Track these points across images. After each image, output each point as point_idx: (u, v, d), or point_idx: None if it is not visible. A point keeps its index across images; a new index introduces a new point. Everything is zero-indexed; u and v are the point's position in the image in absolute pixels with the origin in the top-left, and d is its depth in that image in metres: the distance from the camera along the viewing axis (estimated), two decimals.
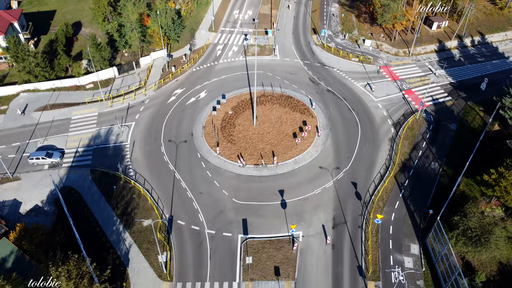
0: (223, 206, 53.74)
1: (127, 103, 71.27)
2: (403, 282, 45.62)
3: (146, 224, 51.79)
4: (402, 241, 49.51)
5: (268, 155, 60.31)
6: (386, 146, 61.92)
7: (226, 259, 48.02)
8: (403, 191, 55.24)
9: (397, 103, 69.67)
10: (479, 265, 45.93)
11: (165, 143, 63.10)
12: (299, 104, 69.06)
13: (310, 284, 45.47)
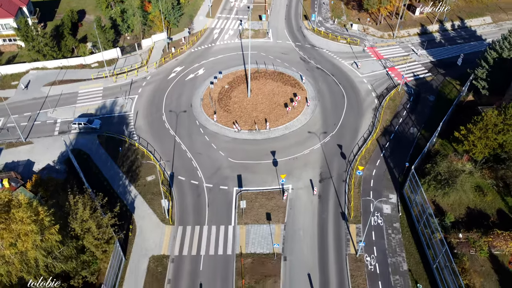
0: (220, 165, 58.90)
1: (130, 79, 76.51)
2: (381, 225, 50.86)
3: (150, 179, 56.88)
4: (381, 192, 54.79)
5: (261, 122, 65.61)
6: (370, 114, 67.39)
7: (223, 207, 53.13)
8: (384, 152, 60.64)
9: (381, 79, 75.26)
10: (448, 209, 51.29)
11: (166, 113, 68.28)
12: (290, 79, 74.54)
13: (298, 227, 50.61)
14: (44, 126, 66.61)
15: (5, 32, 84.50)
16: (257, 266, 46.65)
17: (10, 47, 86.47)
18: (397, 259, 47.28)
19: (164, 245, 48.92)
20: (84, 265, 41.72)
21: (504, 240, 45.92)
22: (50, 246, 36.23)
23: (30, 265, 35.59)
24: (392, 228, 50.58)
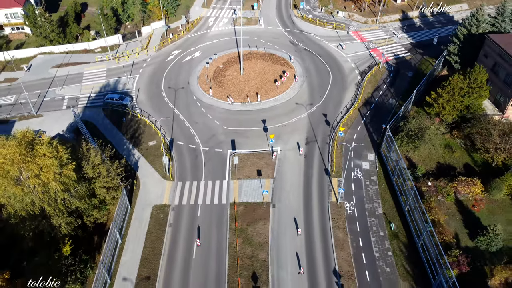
0: (215, 132, 64.66)
1: (132, 61, 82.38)
2: (360, 178, 56.66)
3: (151, 144, 62.58)
4: (361, 152, 60.63)
5: (253, 95, 71.50)
6: (353, 88, 73.41)
7: (218, 165, 58.81)
8: (364, 119, 66.58)
9: (364, 58, 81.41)
10: (420, 163, 57.17)
11: (165, 89, 74.09)
12: (280, 59, 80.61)
13: (286, 181, 56.32)
14: (53, 102, 72.23)
15: (13, 21, 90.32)
16: (249, 212, 52.28)
17: (18, 35, 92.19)
18: (373, 205, 53.04)
19: (165, 197, 54.53)
20: (95, 207, 47.21)
21: (467, 185, 51.75)
22: (67, 182, 41.78)
23: (51, 198, 41.09)
24: (370, 181, 56.37)
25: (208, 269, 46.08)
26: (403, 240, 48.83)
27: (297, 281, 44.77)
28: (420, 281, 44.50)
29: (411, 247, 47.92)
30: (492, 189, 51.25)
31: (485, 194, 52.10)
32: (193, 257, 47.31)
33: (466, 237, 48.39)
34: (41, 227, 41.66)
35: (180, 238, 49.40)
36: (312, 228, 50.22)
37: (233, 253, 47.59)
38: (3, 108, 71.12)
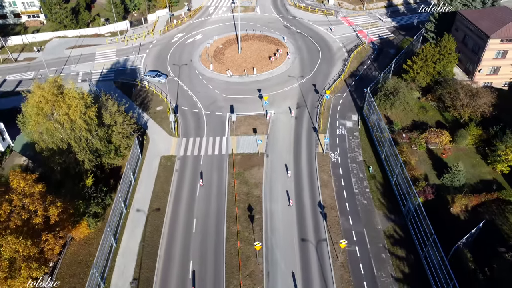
0: (215, 99, 72.19)
1: (139, 42, 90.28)
2: (344, 134, 64.02)
3: (159, 109, 70.08)
4: (346, 114, 68.06)
5: (250, 69, 79.16)
6: (340, 64, 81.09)
7: (218, 125, 66.24)
8: (349, 88, 74.12)
9: (351, 39, 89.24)
10: (397, 120, 64.60)
11: (170, 65, 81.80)
12: (274, 40, 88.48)
13: (278, 137, 63.66)
14: (68, 76, 79.73)
15: (30, 9, 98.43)
16: (245, 160, 59.59)
17: (34, 22, 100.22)
18: (354, 154, 60.36)
19: (171, 149, 61.90)
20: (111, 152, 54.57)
21: (436, 135, 59.10)
22: (90, 124, 49.19)
23: (76, 136, 48.45)
24: (352, 136, 63.73)
25: (209, 203, 53.26)
26: (379, 180, 56.06)
27: (287, 212, 51.89)
28: (392, 209, 51.68)
29: (386, 185, 55.10)
30: (458, 137, 58.59)
31: (453, 144, 59.42)
32: (196, 194, 54.52)
33: (434, 177, 55.60)
34: (68, 161, 48.91)
35: (185, 181, 56.69)
36: (300, 172, 57.45)
37: (231, 191, 54.83)
38: (24, 82, 78.87)
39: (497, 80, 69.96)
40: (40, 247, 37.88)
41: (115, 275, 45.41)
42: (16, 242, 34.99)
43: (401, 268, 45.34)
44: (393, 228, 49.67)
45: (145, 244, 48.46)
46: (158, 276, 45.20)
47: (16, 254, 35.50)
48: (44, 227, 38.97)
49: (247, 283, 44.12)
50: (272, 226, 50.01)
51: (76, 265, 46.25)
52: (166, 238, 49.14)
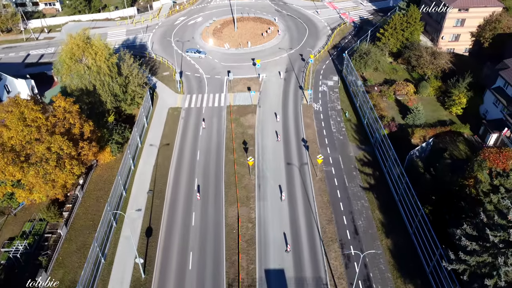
0: (215, 66, 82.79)
1: (146, 24, 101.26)
2: (325, 90, 74.51)
3: (165, 74, 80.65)
4: (328, 75, 78.65)
5: (245, 43, 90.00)
6: (324, 39, 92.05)
7: (217, 85, 76.72)
8: (332, 56, 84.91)
9: (335, 20, 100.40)
10: (371, 78, 75.21)
11: (174, 41, 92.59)
12: (267, 21, 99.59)
13: (269, 93, 74.01)
14: None
15: None
16: (240, 110, 69.95)
17: (50, 10, 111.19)
18: (334, 104, 70.81)
19: (178, 103, 72.27)
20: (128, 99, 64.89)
21: (403, 87, 69.66)
22: (112, 71, 59.57)
23: (101, 79, 58.81)
24: (333, 91, 74.27)
25: (211, 139, 63.46)
26: (354, 122, 66.44)
27: (276, 145, 62.08)
28: (363, 141, 61.98)
29: (359, 125, 65.44)
30: (421, 88, 69.20)
31: (417, 94, 69.97)
32: (199, 134, 64.75)
33: (400, 118, 65.98)
34: (94, 100, 59.15)
35: (190, 124, 66.98)
36: (287, 117, 67.79)
37: (229, 131, 65.08)
38: (46, 55, 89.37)
39: (458, 47, 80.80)
40: (78, 151, 47.93)
41: (134, 188, 55.41)
42: (62, 141, 45.05)
43: (368, 181, 55.48)
44: (363, 154, 59.93)
45: (158, 168, 58.55)
46: (170, 187, 55.22)
47: (61, 152, 45.54)
48: (80, 138, 49.09)
49: (242, 192, 54.15)
50: (263, 155, 60.18)
51: (101, 183, 56.25)
52: (175, 163, 59.25)
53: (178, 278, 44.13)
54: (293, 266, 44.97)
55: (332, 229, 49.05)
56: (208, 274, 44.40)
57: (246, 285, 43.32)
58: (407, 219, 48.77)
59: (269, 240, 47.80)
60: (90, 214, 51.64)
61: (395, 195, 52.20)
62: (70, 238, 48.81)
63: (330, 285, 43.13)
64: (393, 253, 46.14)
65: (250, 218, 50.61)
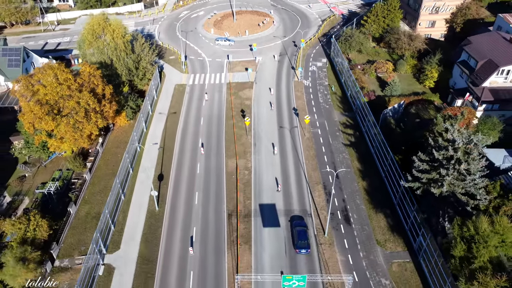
0: (216, 51, 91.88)
1: (153, 17, 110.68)
2: (315, 70, 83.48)
3: (171, 58, 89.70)
4: (317, 58, 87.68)
5: (243, 32, 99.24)
6: (315, 28, 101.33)
7: (218, 66, 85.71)
8: (321, 43, 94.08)
9: (325, 12, 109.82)
10: (355, 59, 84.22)
11: (179, 32, 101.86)
12: (263, 13, 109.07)
13: (265, 72, 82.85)
14: None
15: None
16: (239, 86, 78.80)
17: (64, 6, 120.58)
18: (322, 81, 79.70)
19: (183, 81, 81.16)
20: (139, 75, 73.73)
21: (383, 65, 78.62)
22: (126, 47, 68.48)
23: (117, 54, 67.69)
24: (321, 71, 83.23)
25: (212, 108, 72.18)
26: (339, 95, 75.27)
27: (269, 113, 70.78)
28: (346, 109, 70.75)
29: (343, 97, 74.22)
30: (399, 65, 78.20)
31: (395, 72, 78.91)
32: (203, 105, 73.52)
33: (379, 91, 74.79)
34: (111, 72, 67.97)
35: (194, 97, 75.81)
36: (280, 91, 76.63)
37: (229, 102, 73.86)
38: (62, 44, 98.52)
39: (434, 32, 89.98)
40: (101, 108, 56.63)
41: (147, 144, 64.04)
42: (88, 97, 53.79)
43: (349, 139, 64.14)
44: (346, 119, 68.67)
45: (167, 130, 67.22)
46: (177, 145, 63.85)
47: (88, 106, 54.23)
48: (102, 97, 57.85)
49: (240, 148, 62.76)
50: (259, 120, 68.88)
51: (118, 142, 64.86)
52: (181, 127, 67.94)
53: (186, 211, 52.55)
54: (282, 202, 53.42)
55: (317, 175, 57.59)
56: (211, 207, 52.84)
57: (243, 215, 51.72)
58: (380, 166, 57.38)
59: (263, 183, 56.32)
60: (110, 165, 60.15)
61: (371, 148, 60.83)
62: (94, 182, 57.30)
63: (314, 215, 51.53)
64: (367, 191, 54.66)
65: (247, 167, 59.17)
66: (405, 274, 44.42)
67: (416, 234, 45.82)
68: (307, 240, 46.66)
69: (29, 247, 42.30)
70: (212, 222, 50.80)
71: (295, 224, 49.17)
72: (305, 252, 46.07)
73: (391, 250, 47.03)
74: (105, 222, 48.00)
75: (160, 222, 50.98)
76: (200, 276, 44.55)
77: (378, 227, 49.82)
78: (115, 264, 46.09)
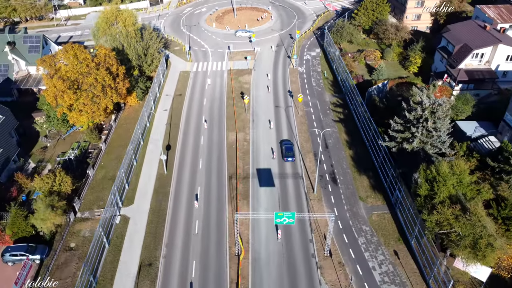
0: (217, 42, 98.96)
1: (158, 13, 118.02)
2: (309, 58, 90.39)
3: (176, 48, 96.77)
4: (311, 48, 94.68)
5: (243, 26, 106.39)
6: (310, 23, 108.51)
7: (220, 56, 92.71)
8: (316, 35, 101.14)
9: (320, 8, 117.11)
10: (346, 48, 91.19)
11: (183, 26, 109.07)
12: (262, 9, 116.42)
13: (262, 60, 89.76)
14: None
15: None
16: (239, 72, 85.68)
17: (74, 3, 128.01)
18: (315, 68, 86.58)
19: (187, 68, 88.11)
20: (148, 61, 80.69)
21: (371, 53, 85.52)
22: (136, 35, 75.43)
23: (128, 41, 74.62)
24: (315, 59, 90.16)
25: (215, 91, 79.03)
26: (330, 79, 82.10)
27: (267, 95, 77.58)
28: (336, 91, 77.56)
29: (335, 81, 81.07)
30: (385, 53, 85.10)
31: (383, 59, 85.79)
32: (206, 88, 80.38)
33: (367, 76, 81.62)
34: (122, 58, 74.81)
35: (198, 82, 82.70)
36: (277, 76, 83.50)
37: (229, 86, 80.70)
38: (74, 37, 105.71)
39: (420, 25, 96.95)
40: (115, 85, 63.47)
41: (155, 121, 70.78)
42: (105, 74, 60.67)
43: (338, 116, 70.84)
44: (336, 100, 75.43)
45: (173, 109, 74.01)
46: (183, 121, 70.58)
47: (104, 82, 61.07)
48: (116, 76, 64.71)
49: (239, 123, 69.44)
50: (257, 101, 75.66)
51: (129, 119, 71.60)
52: (186, 107, 74.74)
53: (191, 173, 59.12)
54: (277, 167, 59.99)
55: (308, 145, 64.23)
56: (214, 171, 59.44)
57: (242, 177, 58.29)
58: (365, 137, 64.02)
59: (260, 152, 62.95)
60: (122, 138, 66.81)
61: (358, 123, 67.51)
62: (108, 152, 64.00)
63: (305, 177, 58.08)
64: (353, 158, 61.26)
65: (246, 139, 65.86)
66: (383, 222, 50.89)
67: (394, 189, 52.34)
68: (292, 152, 60.86)
69: (56, 197, 48.85)
70: (214, 182, 57.38)
71: (284, 143, 62.96)
72: (291, 160, 60.21)
73: (372, 204, 53.53)
74: (121, 181, 54.57)
75: (169, 182, 57.57)
76: (204, 223, 51.06)
77: (361, 186, 56.35)
78: (129, 215, 52.64)
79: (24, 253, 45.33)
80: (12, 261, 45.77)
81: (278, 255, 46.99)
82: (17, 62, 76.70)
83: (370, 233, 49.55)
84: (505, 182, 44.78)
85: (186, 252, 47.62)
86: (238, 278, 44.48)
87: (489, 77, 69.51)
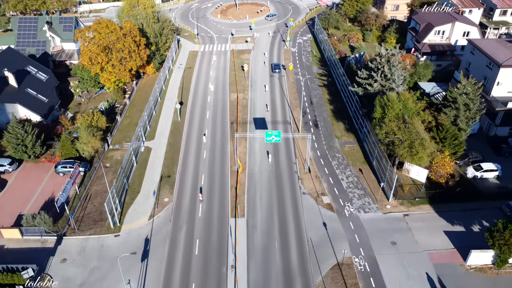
0: (221, 30, 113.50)
1: (169, 7, 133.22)
2: (301, 42, 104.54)
3: (186, 34, 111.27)
4: (304, 34, 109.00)
5: (244, 17, 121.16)
6: (304, 14, 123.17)
7: (223, 40, 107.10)
8: (308, 24, 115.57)
9: (313, 4, 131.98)
10: (335, 34, 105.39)
11: (191, 17, 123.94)
12: (261, 4, 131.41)
13: (261, 43, 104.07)
14: None
15: None
16: (240, 52, 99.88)
17: (94, 0, 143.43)
18: (306, 49, 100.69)
19: (195, 48, 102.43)
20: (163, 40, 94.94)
21: (354, 35, 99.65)
22: (154, 17, 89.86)
23: (146, 22, 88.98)
24: (306, 43, 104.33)
25: (219, 65, 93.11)
26: (318, 57, 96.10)
27: (263, 67, 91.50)
28: (322, 64, 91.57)
29: (322, 59, 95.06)
30: (366, 36, 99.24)
31: (364, 41, 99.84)
32: (211, 63, 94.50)
33: (350, 54, 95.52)
34: (142, 35, 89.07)
35: (205, 58, 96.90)
36: (273, 54, 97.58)
37: (232, 61, 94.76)
38: None
39: (399, 15, 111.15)
40: (138, 51, 77.56)
41: (170, 85, 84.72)
42: (130, 41, 74.81)
43: (323, 82, 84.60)
44: (322, 71, 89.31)
45: (184, 78, 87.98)
46: (193, 86, 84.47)
47: (130, 48, 75.17)
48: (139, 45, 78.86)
49: (240, 87, 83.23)
50: (255, 72, 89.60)
51: (148, 85, 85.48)
52: (195, 76, 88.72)
53: (200, 121, 72.71)
54: (270, 116, 73.56)
55: (296, 102, 77.86)
56: (218, 119, 73.01)
57: (241, 123, 71.82)
58: (344, 96, 77.62)
59: (256, 106, 76.60)
60: (143, 98, 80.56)
61: (338, 86, 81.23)
62: (132, 106, 77.79)
63: (292, 123, 71.52)
64: (332, 111, 74.80)
65: (245, 97, 79.61)
66: (353, 152, 64.18)
67: (362, 128, 65.70)
68: (278, 67, 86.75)
69: (94, 128, 62.46)
70: (219, 126, 70.94)
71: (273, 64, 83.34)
72: (278, 71, 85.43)
73: (345, 140, 66.90)
74: (144, 123, 68.19)
75: (182, 126, 71.20)
76: (211, 152, 64.48)
77: (338, 129, 69.80)
78: (151, 146, 66.17)
79: (72, 166, 58.75)
80: (63, 172, 59.14)
81: (269, 172, 60.26)
82: (53, 39, 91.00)
83: (341, 159, 62.83)
84: (444, 114, 58.17)
85: (197, 169, 61.02)
86: (237, 184, 57.73)
87: (448, 50, 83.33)
